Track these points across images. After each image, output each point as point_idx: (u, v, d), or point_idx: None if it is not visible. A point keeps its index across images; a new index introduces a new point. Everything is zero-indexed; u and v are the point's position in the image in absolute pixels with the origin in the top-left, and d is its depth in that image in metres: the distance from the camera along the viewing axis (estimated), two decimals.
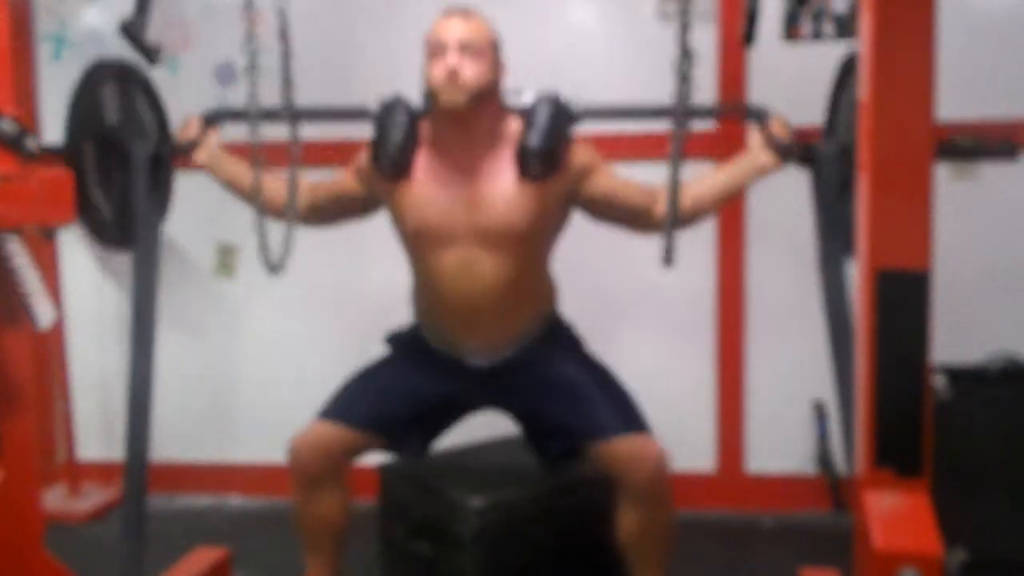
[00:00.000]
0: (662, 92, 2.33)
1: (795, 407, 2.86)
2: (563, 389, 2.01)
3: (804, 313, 2.72)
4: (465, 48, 1.87)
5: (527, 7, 2.86)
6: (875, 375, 1.46)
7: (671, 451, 1.93)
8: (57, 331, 3.00)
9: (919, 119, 1.41)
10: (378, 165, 1.98)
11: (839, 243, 1.91)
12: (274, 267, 2.01)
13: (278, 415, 3.06)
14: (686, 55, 1.51)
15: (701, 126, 2.70)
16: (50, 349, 3.01)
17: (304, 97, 2.11)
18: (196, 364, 3.11)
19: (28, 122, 2.26)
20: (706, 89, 2.63)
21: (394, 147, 1.95)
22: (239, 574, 2.48)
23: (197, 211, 3.05)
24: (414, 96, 2.05)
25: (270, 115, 1.98)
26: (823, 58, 2.70)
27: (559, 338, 2.10)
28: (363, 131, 2.93)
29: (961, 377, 2.18)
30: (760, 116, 2.04)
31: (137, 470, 2.04)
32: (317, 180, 2.16)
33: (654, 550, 1.97)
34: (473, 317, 1.98)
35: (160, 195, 2.21)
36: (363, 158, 2.05)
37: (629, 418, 1.99)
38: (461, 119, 1.91)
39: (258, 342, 3.11)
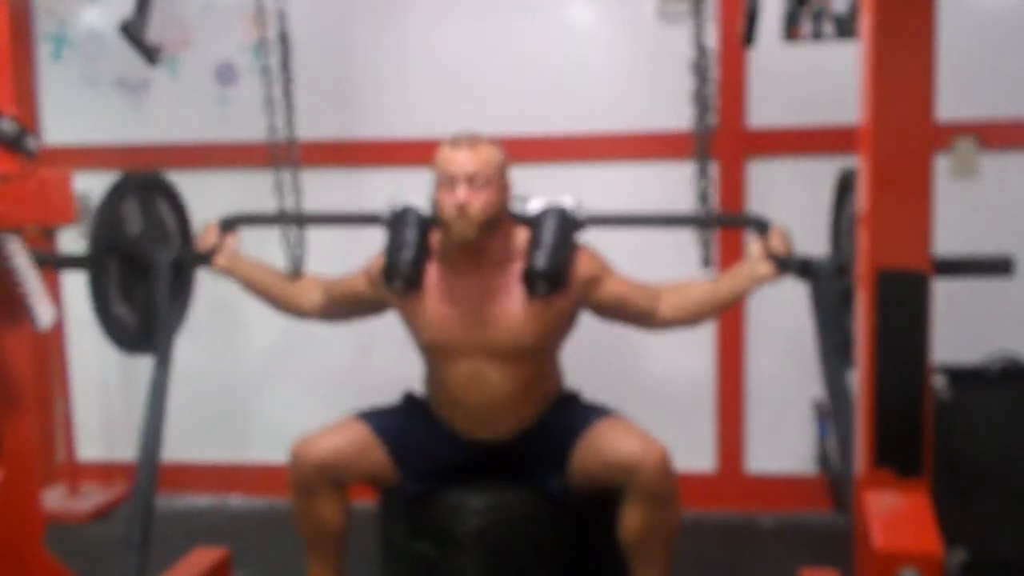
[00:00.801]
0: (662, 91, 2.34)
1: (795, 407, 2.86)
2: (559, 423, 2.08)
3: (804, 313, 2.73)
4: (473, 180, 1.92)
5: (529, 8, 2.86)
6: (875, 375, 1.46)
7: (671, 451, 1.92)
8: (57, 331, 3.00)
9: (919, 119, 1.41)
10: (390, 284, 2.02)
11: (840, 355, 1.91)
12: (296, 270, 2.06)
13: (279, 415, 3.07)
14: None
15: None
16: (50, 349, 3.01)
17: (303, 96, 2.11)
18: (197, 365, 3.09)
19: (28, 122, 2.27)
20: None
21: (405, 268, 2.00)
22: (239, 574, 2.48)
23: (198, 212, 3.05)
24: (411, 89, 2.05)
25: (283, 218, 2.03)
26: (823, 58, 2.72)
27: (566, 409, 2.13)
28: (360, 133, 2.95)
29: (961, 377, 2.19)
30: (760, 227, 2.06)
31: (147, 475, 2.04)
32: (330, 278, 2.20)
33: (657, 551, 1.97)
34: (482, 419, 2.06)
35: (180, 300, 2.26)
36: (375, 268, 2.09)
37: (604, 410, 2.07)
38: (471, 244, 1.96)
39: (259, 343, 3.11)
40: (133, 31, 2.17)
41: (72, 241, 3.09)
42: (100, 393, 3.17)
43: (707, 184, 1.70)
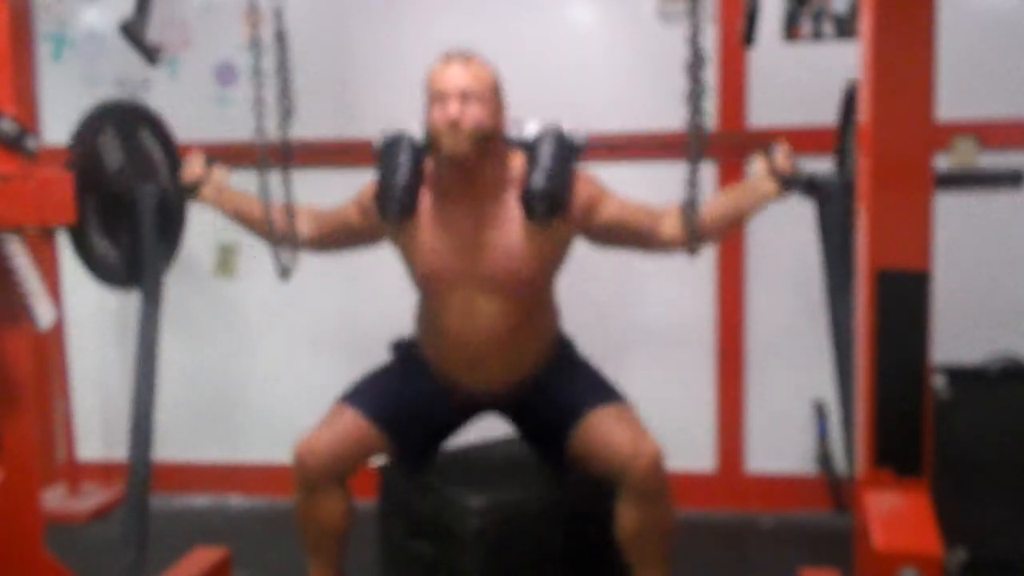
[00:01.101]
0: (662, 91, 2.34)
1: (795, 407, 2.86)
2: (561, 395, 2.04)
3: (805, 313, 2.73)
4: (466, 96, 1.86)
5: (528, 7, 2.86)
6: (875, 375, 1.46)
7: (671, 451, 1.93)
8: (57, 331, 3.00)
9: (919, 119, 1.41)
10: (383, 213, 1.97)
11: (845, 274, 1.89)
12: (285, 271, 2.03)
13: (278, 415, 3.07)
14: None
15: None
16: (50, 349, 3.01)
17: (300, 96, 2.11)
18: (196, 364, 3.11)
19: (28, 122, 2.27)
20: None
21: (398, 194, 1.94)
22: (239, 574, 2.48)
23: (197, 211, 3.05)
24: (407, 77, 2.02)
25: (271, 149, 2.00)
26: (823, 58, 2.72)
27: (562, 362, 2.11)
28: (359, 133, 2.95)
29: (961, 377, 2.19)
30: (765, 145, 2.03)
31: (141, 471, 2.03)
32: (322, 209, 2.15)
33: (654, 549, 1.97)
34: (475, 360, 2.01)
35: (170, 235, 2.22)
36: (367, 195, 2.04)
37: (608, 393, 2.04)
38: (464, 165, 1.91)
39: (258, 342, 3.11)
40: (133, 31, 2.17)
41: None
42: (100, 393, 3.17)
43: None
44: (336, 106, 2.95)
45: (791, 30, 2.73)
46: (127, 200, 2.10)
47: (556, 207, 1.90)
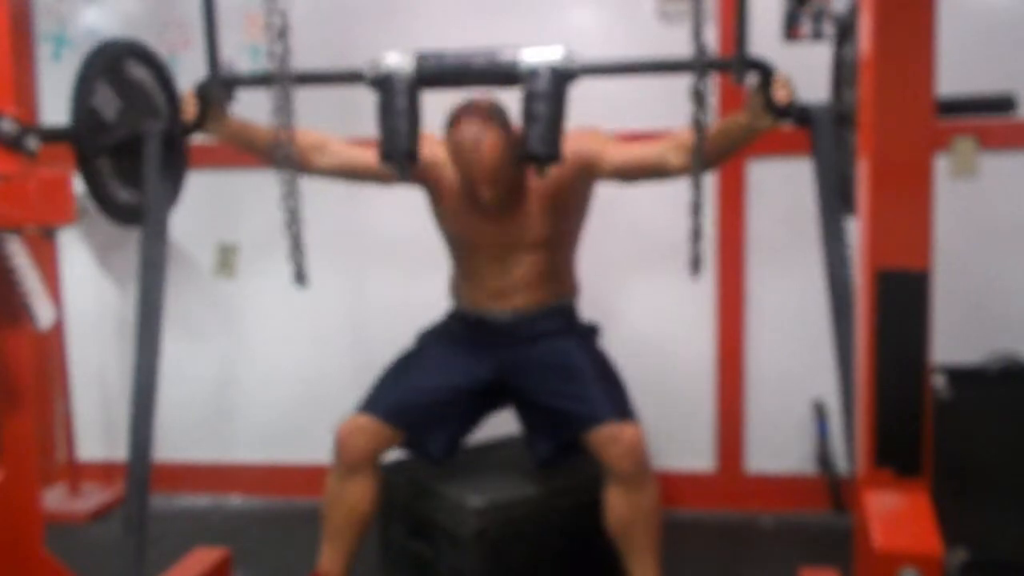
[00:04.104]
0: (662, 91, 2.34)
1: (795, 407, 2.86)
2: (562, 369, 2.14)
3: (805, 313, 2.73)
4: (490, 173, 2.03)
5: (528, 7, 2.86)
6: (875, 375, 1.46)
7: (671, 451, 1.93)
8: (57, 331, 3.00)
9: (919, 119, 1.41)
10: (390, 168, 2.03)
11: (838, 203, 1.88)
12: (300, 277, 2.01)
13: (278, 415, 3.07)
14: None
15: None
16: (50, 349, 3.01)
17: (302, 96, 2.10)
18: (196, 364, 3.11)
19: (28, 122, 2.26)
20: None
21: (401, 159, 1.98)
22: (239, 574, 2.48)
23: (197, 211, 3.04)
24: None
25: (266, 80, 1.98)
26: (823, 58, 2.71)
27: (575, 322, 2.29)
28: (360, 133, 2.95)
29: (961, 377, 2.19)
30: (764, 72, 1.99)
31: (140, 468, 2.03)
32: (347, 143, 2.26)
33: (642, 536, 2.00)
34: (502, 297, 2.20)
35: (173, 174, 2.20)
36: None
37: (618, 404, 2.08)
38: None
39: (258, 342, 3.11)
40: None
41: (73, 240, 3.10)
42: (100, 393, 3.17)
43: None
44: (335, 106, 2.95)
45: (791, 30, 2.72)
46: (134, 142, 2.09)
47: (553, 160, 1.96)
